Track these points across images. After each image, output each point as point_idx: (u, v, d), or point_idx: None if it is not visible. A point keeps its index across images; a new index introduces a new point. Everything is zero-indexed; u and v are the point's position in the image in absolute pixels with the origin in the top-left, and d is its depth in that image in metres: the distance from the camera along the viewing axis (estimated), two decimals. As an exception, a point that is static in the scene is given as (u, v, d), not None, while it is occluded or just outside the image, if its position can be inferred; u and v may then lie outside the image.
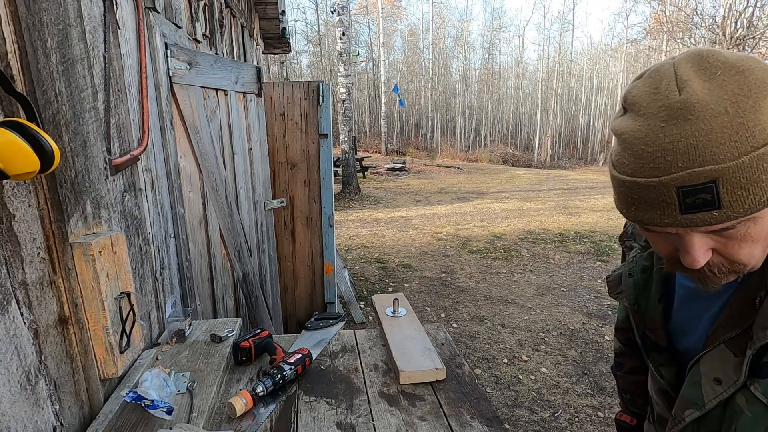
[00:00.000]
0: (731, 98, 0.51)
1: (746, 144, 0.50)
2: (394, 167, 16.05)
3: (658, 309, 0.80)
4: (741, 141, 0.50)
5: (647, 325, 0.82)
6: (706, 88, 0.52)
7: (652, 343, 0.81)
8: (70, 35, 1.08)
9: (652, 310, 0.80)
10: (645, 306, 0.82)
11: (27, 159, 0.77)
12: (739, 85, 0.51)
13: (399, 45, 37.04)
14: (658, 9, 18.36)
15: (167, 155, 1.77)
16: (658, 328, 0.80)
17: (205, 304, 2.14)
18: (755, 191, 0.51)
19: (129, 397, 1.12)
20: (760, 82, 0.52)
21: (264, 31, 4.39)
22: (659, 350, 0.80)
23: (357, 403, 1.29)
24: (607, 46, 36.94)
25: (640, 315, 0.83)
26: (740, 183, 0.51)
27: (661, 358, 0.80)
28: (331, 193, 3.41)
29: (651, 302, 0.81)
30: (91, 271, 1.07)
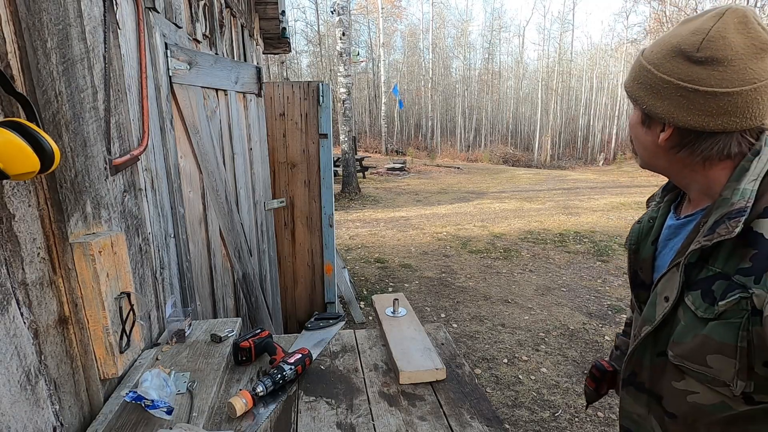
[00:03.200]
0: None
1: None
2: (394, 167, 16.05)
3: (650, 250, 0.90)
4: None
5: (639, 264, 0.92)
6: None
7: (641, 282, 0.92)
8: (70, 35, 1.08)
9: (645, 252, 0.91)
10: (642, 248, 0.92)
11: (27, 159, 0.77)
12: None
13: (399, 45, 37.08)
14: (658, 9, 18.36)
15: (167, 155, 1.77)
16: (648, 267, 0.90)
17: (205, 304, 2.14)
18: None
19: (129, 397, 1.12)
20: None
21: (264, 31, 4.40)
22: (645, 287, 0.91)
23: (357, 403, 1.29)
24: (607, 46, 36.95)
25: (636, 256, 0.93)
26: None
27: (645, 295, 0.89)
28: (331, 193, 3.41)
29: (647, 245, 0.91)
30: (91, 271, 1.07)
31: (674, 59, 0.73)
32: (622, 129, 32.07)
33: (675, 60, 0.73)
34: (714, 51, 0.69)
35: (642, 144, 0.83)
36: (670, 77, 0.73)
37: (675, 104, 0.73)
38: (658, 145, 0.79)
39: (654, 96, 0.76)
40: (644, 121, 0.80)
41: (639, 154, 0.86)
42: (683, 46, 0.72)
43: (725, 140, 0.72)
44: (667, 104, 0.74)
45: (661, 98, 0.75)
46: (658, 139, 0.78)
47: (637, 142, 0.84)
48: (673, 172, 0.83)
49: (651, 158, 0.83)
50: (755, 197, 0.71)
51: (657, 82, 0.75)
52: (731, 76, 0.69)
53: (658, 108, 0.76)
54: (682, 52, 0.72)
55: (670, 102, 0.74)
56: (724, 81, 0.69)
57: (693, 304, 0.75)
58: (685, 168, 0.79)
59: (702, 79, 0.70)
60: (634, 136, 0.84)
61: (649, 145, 0.81)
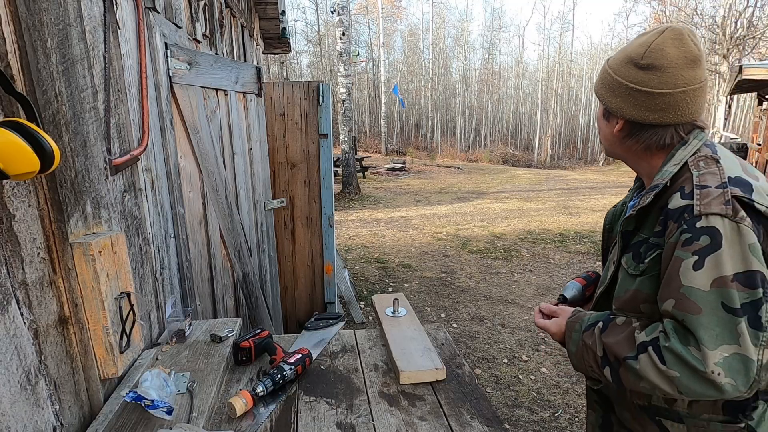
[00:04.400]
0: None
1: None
2: (394, 167, 16.05)
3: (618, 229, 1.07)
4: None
5: (611, 241, 1.11)
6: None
7: (606, 249, 1.15)
8: (70, 35, 1.08)
9: (616, 230, 1.07)
10: (614, 228, 1.11)
11: (27, 159, 0.77)
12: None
13: (399, 45, 37.04)
14: (658, 9, 18.36)
15: (167, 155, 1.77)
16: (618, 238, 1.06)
17: (205, 304, 2.14)
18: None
19: (129, 397, 1.12)
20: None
21: (264, 31, 4.39)
22: (607, 261, 1.12)
23: (357, 403, 1.29)
24: (607, 46, 36.91)
25: (609, 234, 1.14)
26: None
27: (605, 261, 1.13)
28: (331, 193, 3.40)
29: (618, 225, 1.07)
30: (91, 271, 1.07)
31: (626, 65, 0.93)
32: (622, 129, 32.05)
33: (626, 66, 0.93)
34: (653, 60, 0.89)
35: (603, 134, 1.04)
36: (622, 79, 0.93)
37: (624, 101, 0.93)
38: (614, 135, 1.00)
39: (611, 94, 0.96)
40: (605, 114, 1.01)
41: (602, 143, 1.07)
42: (632, 55, 0.92)
43: (661, 133, 0.93)
44: (619, 101, 0.94)
45: (615, 96, 0.95)
46: (614, 130, 0.99)
47: (601, 133, 1.05)
48: (627, 158, 1.03)
49: (611, 146, 1.04)
50: (674, 178, 0.91)
51: (613, 83, 0.95)
52: (666, 80, 0.88)
53: (613, 104, 0.96)
54: (631, 60, 0.92)
55: (622, 99, 0.94)
56: (661, 84, 0.88)
57: (626, 264, 0.96)
58: (634, 155, 1.00)
59: (644, 81, 0.90)
60: (599, 128, 1.05)
61: (608, 135, 1.02)
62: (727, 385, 0.79)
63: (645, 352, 0.85)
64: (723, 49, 12.97)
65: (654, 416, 0.97)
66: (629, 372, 0.87)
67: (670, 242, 0.85)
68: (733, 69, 8.71)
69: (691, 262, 0.81)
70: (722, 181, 0.85)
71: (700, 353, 0.79)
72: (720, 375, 0.78)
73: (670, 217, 0.86)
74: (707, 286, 0.80)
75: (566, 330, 1.05)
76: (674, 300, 0.83)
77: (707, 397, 0.83)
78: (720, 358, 0.78)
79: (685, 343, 0.81)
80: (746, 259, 0.79)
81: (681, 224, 0.84)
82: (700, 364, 0.79)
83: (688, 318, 0.81)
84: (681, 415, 0.93)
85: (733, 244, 0.80)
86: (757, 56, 14.74)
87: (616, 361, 0.90)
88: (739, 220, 0.81)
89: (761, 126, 8.29)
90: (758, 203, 0.83)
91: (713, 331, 0.79)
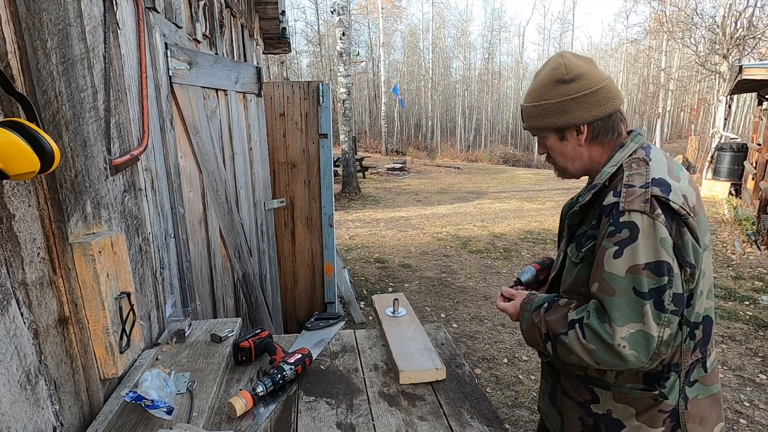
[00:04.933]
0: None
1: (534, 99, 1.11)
2: (394, 167, 16.05)
3: (566, 222, 1.22)
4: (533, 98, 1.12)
5: (562, 232, 1.25)
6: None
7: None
8: (70, 35, 1.08)
9: (568, 219, 1.18)
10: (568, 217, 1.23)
11: (27, 159, 0.77)
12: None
13: (399, 45, 37.02)
14: (658, 9, 18.36)
15: (167, 155, 1.77)
16: (565, 230, 1.21)
17: (205, 304, 2.14)
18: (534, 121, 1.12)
19: (129, 397, 1.12)
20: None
21: (264, 31, 4.39)
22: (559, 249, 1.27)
23: (357, 403, 1.29)
24: (607, 46, 36.95)
25: (563, 222, 1.25)
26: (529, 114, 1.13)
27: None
28: (331, 193, 3.40)
29: (569, 214, 1.19)
30: (91, 271, 1.07)
31: (556, 87, 1.06)
32: (622, 129, 32.01)
33: (558, 87, 1.06)
34: (574, 71, 1.05)
35: (566, 154, 1.13)
36: (564, 97, 1.06)
37: (578, 110, 1.05)
38: (580, 145, 1.10)
39: (560, 115, 1.07)
40: (561, 138, 1.11)
41: (563, 167, 1.16)
42: (556, 78, 1.06)
43: (613, 120, 1.07)
44: (573, 114, 1.06)
45: (565, 113, 1.06)
46: (578, 142, 1.09)
47: (562, 158, 1.14)
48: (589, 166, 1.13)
49: (575, 162, 1.13)
50: (611, 177, 1.05)
51: (555, 105, 1.07)
52: (592, 80, 1.05)
53: (569, 119, 1.07)
54: (558, 81, 1.06)
55: (575, 110, 1.06)
56: (590, 84, 1.05)
57: (570, 253, 1.11)
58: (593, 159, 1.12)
59: (581, 88, 1.04)
60: (558, 154, 1.14)
61: (572, 150, 1.11)
62: (630, 356, 0.93)
63: (573, 328, 1.00)
64: (723, 49, 12.96)
65: (588, 384, 1.12)
66: (562, 346, 1.02)
67: (601, 234, 0.99)
68: (733, 69, 8.71)
69: (612, 251, 0.95)
70: (646, 181, 0.97)
71: (611, 329, 0.94)
72: (625, 348, 0.93)
73: (603, 212, 1.00)
74: (623, 272, 0.94)
75: (520, 310, 1.17)
76: (598, 283, 0.98)
77: (616, 367, 0.98)
78: (626, 333, 0.93)
79: (602, 320, 0.96)
80: (657, 250, 0.92)
81: (609, 218, 0.98)
82: (610, 338, 0.94)
83: (606, 299, 0.95)
84: (609, 384, 1.08)
85: (647, 237, 0.93)
86: (757, 56, 14.74)
87: (554, 336, 1.04)
88: (655, 217, 0.93)
89: (761, 126, 8.29)
90: (673, 202, 0.95)
91: (623, 311, 0.93)
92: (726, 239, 6.40)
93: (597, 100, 1.05)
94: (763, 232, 5.91)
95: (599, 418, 1.11)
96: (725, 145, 9.75)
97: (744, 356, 3.34)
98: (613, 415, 1.09)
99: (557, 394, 1.23)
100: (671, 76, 19.81)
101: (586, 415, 1.13)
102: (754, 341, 3.56)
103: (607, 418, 1.10)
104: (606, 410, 1.10)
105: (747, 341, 3.56)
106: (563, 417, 1.20)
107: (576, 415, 1.15)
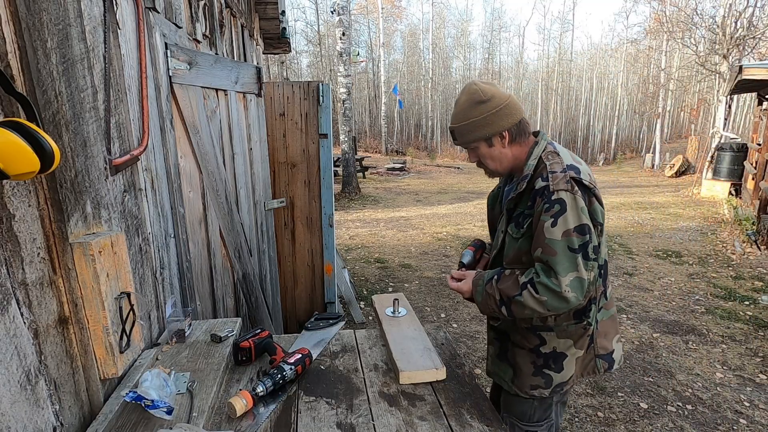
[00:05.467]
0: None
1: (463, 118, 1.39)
2: (394, 167, 16.04)
3: (498, 207, 1.55)
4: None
5: (495, 217, 1.55)
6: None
7: (493, 227, 1.56)
8: (70, 35, 1.08)
9: (497, 208, 1.54)
10: (495, 206, 1.57)
11: (27, 159, 0.77)
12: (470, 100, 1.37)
13: (399, 45, 36.99)
14: (658, 9, 18.35)
15: (167, 155, 1.77)
16: (497, 217, 1.52)
17: (205, 304, 2.14)
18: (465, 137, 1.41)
19: (129, 397, 1.12)
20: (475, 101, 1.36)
21: (264, 31, 4.39)
22: (493, 230, 1.56)
23: (357, 403, 1.29)
24: (607, 46, 36.89)
25: (492, 211, 1.59)
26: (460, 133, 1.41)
27: (493, 234, 1.56)
28: (331, 193, 3.40)
29: (496, 203, 1.56)
30: (91, 271, 1.07)
31: (477, 107, 1.35)
32: (622, 129, 32.03)
33: (478, 107, 1.35)
34: (488, 92, 1.35)
35: (495, 158, 1.41)
36: (486, 113, 1.34)
37: (498, 121, 1.35)
38: (504, 147, 1.39)
39: (486, 127, 1.36)
40: (489, 145, 1.39)
41: (493, 169, 1.44)
42: (476, 100, 1.35)
43: (523, 125, 1.38)
44: (495, 124, 1.35)
45: (490, 125, 1.35)
46: (502, 145, 1.38)
47: (492, 161, 1.42)
48: (513, 163, 1.42)
49: (503, 161, 1.41)
50: (535, 168, 1.34)
51: (481, 120, 1.35)
52: (502, 98, 1.35)
53: (494, 129, 1.36)
54: (478, 102, 1.35)
55: (495, 122, 1.35)
56: (502, 100, 1.35)
57: (511, 231, 1.38)
58: (513, 157, 1.41)
59: (496, 104, 1.34)
60: (489, 159, 1.42)
61: (498, 153, 1.40)
62: (572, 298, 1.24)
63: (526, 288, 1.28)
64: (723, 49, 12.95)
65: (536, 332, 1.42)
66: (517, 305, 1.30)
67: (538, 211, 1.27)
68: (733, 69, 8.71)
69: (549, 222, 1.24)
70: (563, 168, 1.30)
71: (557, 280, 1.23)
72: (568, 292, 1.23)
73: (537, 194, 1.29)
74: (559, 236, 1.23)
75: (473, 286, 1.43)
76: (541, 248, 1.26)
77: (562, 310, 1.27)
78: (569, 281, 1.23)
79: (548, 276, 1.25)
80: (580, 217, 1.24)
81: (543, 198, 1.26)
82: (557, 287, 1.23)
83: (550, 258, 1.24)
84: (551, 326, 1.40)
85: (572, 208, 1.24)
86: (757, 56, 14.73)
87: (508, 300, 1.32)
88: (575, 193, 1.25)
89: (761, 126, 8.29)
90: (585, 180, 1.29)
91: (564, 265, 1.23)
92: (726, 239, 6.40)
93: (509, 111, 1.35)
94: (763, 232, 5.91)
95: (547, 356, 1.42)
96: (725, 145, 9.75)
97: (744, 356, 3.34)
98: (557, 350, 1.42)
99: (507, 351, 1.51)
100: (671, 76, 19.79)
101: (536, 357, 1.44)
102: (754, 341, 3.56)
103: (553, 354, 1.42)
104: (552, 348, 1.42)
105: (747, 341, 3.56)
106: (515, 366, 1.48)
107: (528, 360, 1.45)
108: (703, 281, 4.90)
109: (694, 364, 3.25)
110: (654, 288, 4.75)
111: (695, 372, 3.14)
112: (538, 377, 1.44)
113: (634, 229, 7.30)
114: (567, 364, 1.42)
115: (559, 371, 1.42)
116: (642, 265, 5.49)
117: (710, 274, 5.11)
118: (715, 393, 2.90)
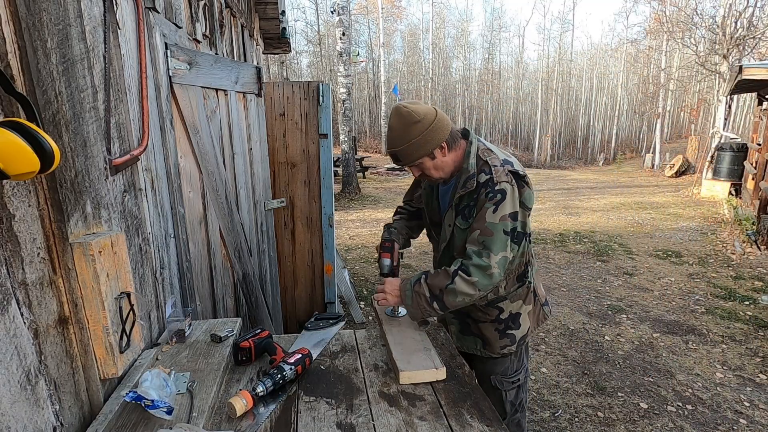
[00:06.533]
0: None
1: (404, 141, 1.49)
2: (394, 167, 16.03)
3: (436, 203, 1.71)
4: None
5: (432, 212, 1.73)
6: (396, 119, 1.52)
7: (434, 221, 1.73)
8: (70, 35, 1.08)
9: (433, 204, 1.72)
10: (431, 203, 1.73)
11: (27, 159, 0.77)
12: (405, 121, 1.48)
13: (399, 45, 36.99)
14: (658, 9, 18.35)
15: (167, 155, 1.77)
16: (435, 213, 1.71)
17: (205, 304, 2.14)
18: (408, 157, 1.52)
19: (129, 397, 1.12)
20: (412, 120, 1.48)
21: (264, 31, 4.39)
22: (435, 224, 1.73)
23: (357, 403, 1.29)
24: (607, 46, 36.91)
25: (429, 209, 1.75)
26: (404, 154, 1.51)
27: (438, 228, 1.70)
28: (331, 193, 3.40)
29: (433, 201, 1.72)
30: (91, 271, 1.07)
31: (413, 128, 1.46)
32: (622, 129, 32.03)
33: (414, 128, 1.46)
34: (419, 112, 1.47)
35: (439, 167, 1.54)
36: (422, 132, 1.46)
37: (435, 135, 1.48)
38: (445, 156, 1.52)
39: (427, 144, 1.48)
40: (431, 158, 1.51)
41: (438, 177, 1.57)
42: (411, 122, 1.46)
43: (454, 135, 1.54)
44: (434, 139, 1.48)
45: (429, 141, 1.48)
46: (443, 155, 1.52)
47: (436, 171, 1.55)
48: (453, 168, 1.57)
49: (445, 169, 1.55)
50: (477, 166, 1.50)
51: (421, 139, 1.47)
52: (431, 114, 1.48)
53: (434, 144, 1.48)
54: (412, 123, 1.46)
55: (433, 137, 1.48)
56: (432, 116, 1.48)
57: (459, 223, 1.55)
58: (451, 161, 1.55)
59: (429, 121, 1.47)
60: (433, 170, 1.54)
61: (441, 163, 1.53)
62: (497, 274, 1.41)
63: (457, 275, 1.43)
64: (723, 49, 12.95)
65: (494, 304, 1.63)
66: (449, 294, 1.44)
67: (482, 200, 1.45)
68: (733, 69, 8.71)
69: (492, 209, 1.42)
70: (500, 162, 1.49)
71: (488, 258, 1.40)
72: (495, 268, 1.41)
73: (481, 186, 1.46)
74: (497, 220, 1.41)
75: (400, 291, 1.58)
76: (480, 230, 1.43)
77: (488, 288, 1.43)
78: (498, 258, 1.41)
79: (479, 255, 1.41)
80: (514, 205, 1.44)
81: (487, 188, 1.44)
82: (487, 264, 1.40)
83: (487, 239, 1.42)
84: (504, 296, 1.62)
85: (511, 197, 1.43)
86: (757, 56, 14.72)
87: (440, 292, 1.45)
88: (513, 183, 1.45)
89: (761, 126, 8.29)
90: (519, 171, 1.49)
91: (498, 244, 1.41)
92: (726, 239, 6.40)
93: (441, 124, 1.49)
94: (763, 232, 5.91)
95: (506, 320, 1.64)
96: (725, 145, 9.75)
97: (744, 356, 3.34)
98: (513, 312, 1.64)
99: (469, 326, 1.71)
100: (671, 76, 19.78)
101: (498, 324, 1.65)
102: (754, 341, 3.56)
103: (511, 317, 1.64)
104: (508, 312, 1.64)
105: (747, 341, 3.56)
106: (482, 336, 1.68)
107: (492, 328, 1.66)
108: (703, 281, 4.90)
109: (694, 364, 3.25)
110: (654, 288, 4.75)
111: (695, 372, 3.14)
112: (504, 339, 1.65)
113: (634, 229, 7.30)
114: (523, 320, 1.66)
115: (518, 327, 1.65)
116: (642, 265, 5.49)
117: (710, 274, 5.11)
118: (715, 393, 2.90)
